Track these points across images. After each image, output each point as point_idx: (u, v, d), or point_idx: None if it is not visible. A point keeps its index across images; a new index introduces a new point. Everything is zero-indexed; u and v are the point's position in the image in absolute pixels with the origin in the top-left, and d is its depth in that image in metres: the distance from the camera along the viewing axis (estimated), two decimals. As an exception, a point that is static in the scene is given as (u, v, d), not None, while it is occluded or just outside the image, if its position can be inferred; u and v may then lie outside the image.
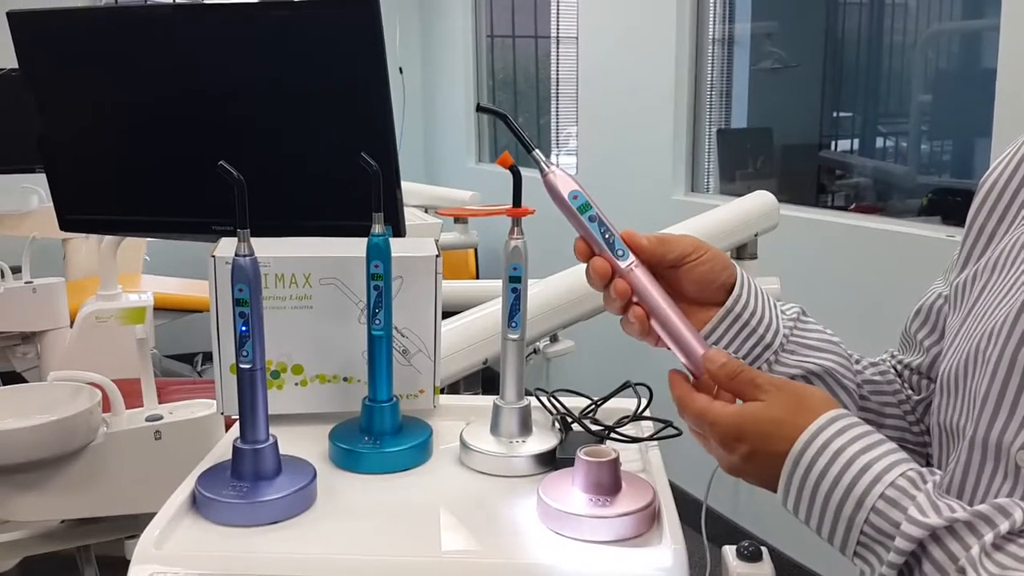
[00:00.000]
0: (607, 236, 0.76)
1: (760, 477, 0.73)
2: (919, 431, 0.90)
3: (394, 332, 0.86)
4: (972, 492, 0.70)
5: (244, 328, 0.71)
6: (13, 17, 1.21)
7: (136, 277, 3.22)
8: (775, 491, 0.72)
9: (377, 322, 0.82)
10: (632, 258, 0.77)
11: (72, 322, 2.06)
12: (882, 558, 0.66)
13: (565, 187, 0.76)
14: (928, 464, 0.88)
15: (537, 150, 0.76)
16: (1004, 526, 0.62)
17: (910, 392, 0.90)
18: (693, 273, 0.80)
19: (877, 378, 0.90)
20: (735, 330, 0.82)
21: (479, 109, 0.78)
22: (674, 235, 0.81)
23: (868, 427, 0.71)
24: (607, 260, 0.76)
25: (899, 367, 0.92)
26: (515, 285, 0.81)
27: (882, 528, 0.66)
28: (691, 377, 0.77)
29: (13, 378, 2.12)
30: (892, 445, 0.69)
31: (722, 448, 0.73)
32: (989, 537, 0.62)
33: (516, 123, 0.77)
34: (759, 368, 0.83)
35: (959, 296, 0.80)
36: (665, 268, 0.80)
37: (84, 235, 2.85)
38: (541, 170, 0.77)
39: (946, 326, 0.83)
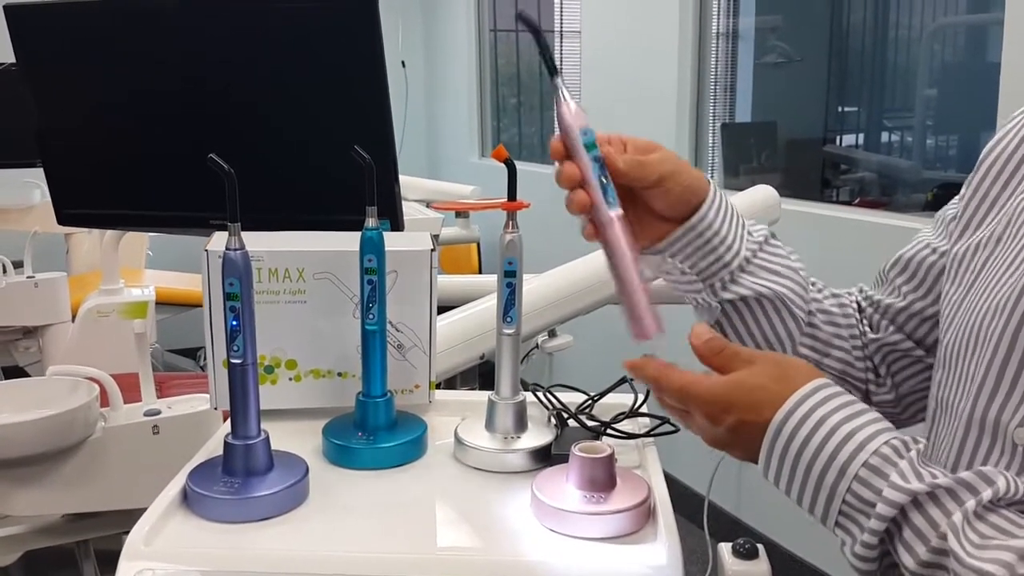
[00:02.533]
0: (603, 180, 0.76)
1: (745, 448, 0.72)
2: (863, 368, 0.89)
3: (388, 327, 0.85)
4: (967, 470, 0.69)
5: (235, 322, 0.71)
6: (10, 10, 1.20)
7: (139, 272, 3.22)
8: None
9: (371, 317, 0.81)
10: (619, 210, 0.76)
11: (74, 317, 2.06)
12: (863, 526, 0.65)
13: (576, 121, 0.77)
14: (866, 396, 0.88)
15: (560, 77, 0.76)
16: (987, 494, 0.61)
17: (866, 329, 0.89)
18: (669, 196, 0.80)
19: (834, 309, 0.89)
20: (695, 246, 0.82)
21: (520, 18, 0.79)
22: (652, 158, 0.80)
23: (852, 396, 0.70)
24: (591, 197, 0.76)
25: (864, 302, 0.91)
26: (510, 279, 0.80)
27: (864, 496, 0.65)
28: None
29: (15, 372, 2.12)
30: (876, 414, 0.69)
31: (707, 420, 0.72)
32: (971, 504, 0.61)
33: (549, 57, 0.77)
34: (712, 287, 0.84)
35: (960, 266, 0.78)
36: (641, 189, 0.80)
37: (86, 230, 2.85)
38: (557, 99, 0.77)
39: (941, 292, 0.82)
